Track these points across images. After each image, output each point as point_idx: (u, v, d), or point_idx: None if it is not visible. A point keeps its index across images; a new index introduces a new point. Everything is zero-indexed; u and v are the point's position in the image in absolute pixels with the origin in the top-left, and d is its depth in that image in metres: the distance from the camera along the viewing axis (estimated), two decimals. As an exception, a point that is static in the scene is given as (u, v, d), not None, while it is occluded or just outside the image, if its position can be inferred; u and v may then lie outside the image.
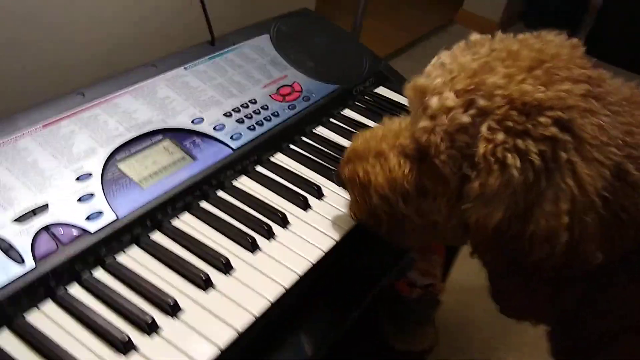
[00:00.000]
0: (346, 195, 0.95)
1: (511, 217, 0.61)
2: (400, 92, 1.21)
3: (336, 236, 0.86)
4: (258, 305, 0.74)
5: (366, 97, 1.19)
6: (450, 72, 0.65)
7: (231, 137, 0.94)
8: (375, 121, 1.12)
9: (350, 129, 1.09)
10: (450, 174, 0.65)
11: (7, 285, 0.67)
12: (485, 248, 0.67)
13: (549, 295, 0.67)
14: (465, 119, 0.62)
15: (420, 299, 1.45)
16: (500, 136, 0.60)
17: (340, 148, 1.03)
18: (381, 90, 1.23)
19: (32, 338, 0.66)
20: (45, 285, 0.70)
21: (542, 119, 0.59)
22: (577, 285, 0.67)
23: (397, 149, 0.73)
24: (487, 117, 0.61)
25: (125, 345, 0.66)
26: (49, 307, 0.70)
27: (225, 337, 0.70)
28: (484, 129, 0.61)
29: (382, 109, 1.16)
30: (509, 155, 0.59)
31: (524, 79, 0.61)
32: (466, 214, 0.65)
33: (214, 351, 0.68)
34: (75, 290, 0.72)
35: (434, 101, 0.64)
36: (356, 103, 1.17)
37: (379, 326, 1.64)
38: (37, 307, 0.70)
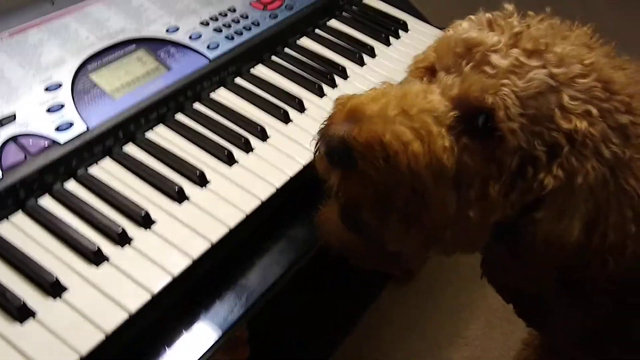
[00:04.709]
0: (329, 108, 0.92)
1: (581, 230, 0.50)
2: (390, 2, 1.15)
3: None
4: (233, 217, 0.73)
5: (354, 7, 1.13)
6: (503, 32, 0.54)
7: (208, 47, 0.90)
8: (363, 33, 1.07)
9: (337, 40, 1.04)
10: (512, 151, 0.51)
11: (-28, 194, 0.66)
12: (538, 270, 0.54)
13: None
14: (549, 80, 0.50)
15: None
16: (594, 111, 0.49)
17: (325, 61, 0.99)
18: (369, 1, 1.16)
19: (1, 249, 0.65)
20: (14, 196, 0.69)
21: (616, 103, 0.50)
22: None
23: (428, 113, 0.54)
24: (565, 86, 0.50)
25: (95, 255, 0.65)
26: (19, 218, 0.69)
27: (198, 248, 0.69)
28: (565, 98, 0.50)
29: (371, 21, 1.10)
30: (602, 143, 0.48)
31: (590, 52, 0.53)
32: (532, 226, 0.52)
33: (187, 262, 0.68)
34: (46, 202, 0.71)
35: (497, 58, 0.52)
36: (343, 13, 1.11)
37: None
38: (7, 219, 0.69)
